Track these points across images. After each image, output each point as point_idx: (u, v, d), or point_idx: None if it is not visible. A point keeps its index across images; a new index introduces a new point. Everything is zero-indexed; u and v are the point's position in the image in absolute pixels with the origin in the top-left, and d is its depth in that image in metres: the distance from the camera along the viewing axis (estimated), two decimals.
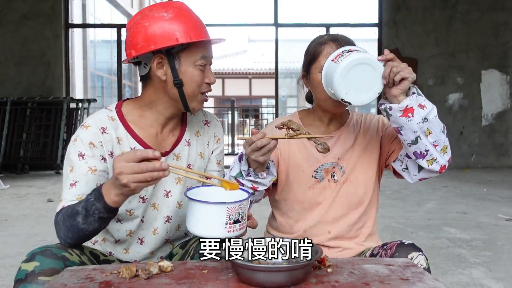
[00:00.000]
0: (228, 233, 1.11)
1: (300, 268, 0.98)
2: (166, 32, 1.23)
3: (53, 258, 1.13)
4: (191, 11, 1.31)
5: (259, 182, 1.34)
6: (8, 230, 3.68)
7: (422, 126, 1.25)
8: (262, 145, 1.23)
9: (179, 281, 0.99)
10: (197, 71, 1.28)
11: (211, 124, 1.48)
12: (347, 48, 1.31)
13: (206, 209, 1.12)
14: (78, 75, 11.99)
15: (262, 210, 1.74)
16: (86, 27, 12.83)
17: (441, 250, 3.09)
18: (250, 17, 45.62)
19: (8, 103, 7.35)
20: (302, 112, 1.58)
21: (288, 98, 18.59)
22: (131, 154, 1.05)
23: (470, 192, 5.51)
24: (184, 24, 1.25)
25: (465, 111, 7.92)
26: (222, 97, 22.50)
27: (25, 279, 1.09)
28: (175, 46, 1.26)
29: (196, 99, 1.31)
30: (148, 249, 1.38)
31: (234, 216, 1.12)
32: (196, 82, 1.28)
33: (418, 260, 1.23)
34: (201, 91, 1.31)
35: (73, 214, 1.16)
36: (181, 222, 1.41)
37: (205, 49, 1.29)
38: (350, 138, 1.50)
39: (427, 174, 1.35)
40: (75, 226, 1.16)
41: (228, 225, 1.11)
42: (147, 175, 1.04)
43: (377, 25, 8.13)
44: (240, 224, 1.13)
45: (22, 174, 7.17)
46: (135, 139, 1.32)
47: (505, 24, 7.89)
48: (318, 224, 1.46)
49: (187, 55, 1.27)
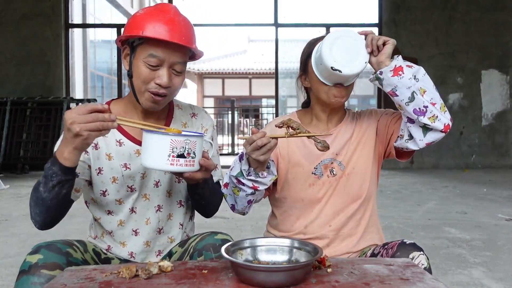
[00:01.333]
0: (171, 166, 1.17)
1: (300, 268, 0.98)
2: (133, 24, 1.29)
3: (57, 252, 1.16)
4: (174, 14, 1.31)
5: (259, 182, 1.35)
6: (8, 230, 3.69)
7: (414, 83, 1.31)
8: (262, 144, 1.24)
9: (179, 281, 0.99)
10: (144, 67, 1.29)
11: (198, 116, 1.51)
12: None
13: (151, 139, 1.17)
14: (78, 75, 12.00)
15: (262, 210, 1.74)
16: (86, 27, 12.83)
17: (441, 250, 3.09)
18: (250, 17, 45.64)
19: (8, 103, 7.36)
20: (300, 112, 1.60)
21: (288, 98, 18.61)
22: (81, 107, 1.10)
23: (470, 192, 5.51)
24: (150, 21, 1.28)
25: (465, 111, 7.92)
26: (222, 97, 22.52)
27: (28, 271, 1.12)
28: (135, 39, 1.30)
29: (143, 95, 1.32)
30: (143, 239, 1.42)
31: (178, 150, 1.16)
32: (141, 78, 1.30)
33: (419, 259, 1.23)
34: (148, 89, 1.30)
35: (37, 186, 1.21)
36: (171, 211, 1.45)
37: (160, 50, 1.27)
38: (347, 134, 1.52)
39: (433, 135, 1.34)
40: (39, 198, 1.20)
41: (171, 158, 1.15)
42: (98, 124, 1.10)
43: (377, 25, 8.13)
44: (185, 160, 1.17)
45: (22, 174, 7.18)
46: (121, 132, 1.38)
47: (505, 24, 7.89)
48: (318, 220, 1.48)
49: (141, 50, 1.30)
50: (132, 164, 1.37)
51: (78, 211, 1.28)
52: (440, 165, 7.86)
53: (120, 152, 1.37)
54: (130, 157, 1.37)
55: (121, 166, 1.36)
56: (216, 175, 1.48)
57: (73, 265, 1.16)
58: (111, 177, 1.36)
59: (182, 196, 1.45)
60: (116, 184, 1.36)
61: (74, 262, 1.18)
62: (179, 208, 1.45)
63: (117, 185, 1.37)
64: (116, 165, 1.36)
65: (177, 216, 1.46)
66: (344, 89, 1.42)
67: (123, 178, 1.36)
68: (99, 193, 1.37)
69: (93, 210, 1.43)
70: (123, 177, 1.36)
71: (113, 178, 1.36)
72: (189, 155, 1.17)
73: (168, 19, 1.29)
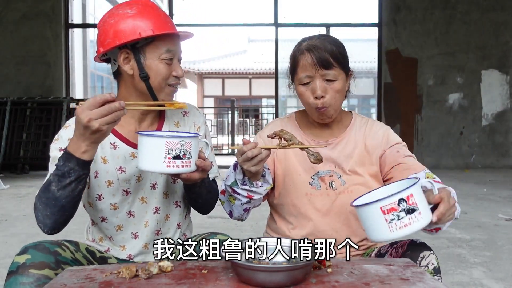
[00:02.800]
0: (168, 168, 1.16)
1: (300, 268, 0.98)
2: (129, 27, 1.29)
3: (45, 252, 1.15)
4: (156, 6, 1.35)
5: (254, 191, 1.32)
6: (8, 230, 3.69)
7: None
8: (253, 156, 1.21)
9: (179, 281, 0.99)
10: (163, 64, 1.32)
11: (190, 113, 1.50)
12: (404, 200, 1.02)
13: (147, 141, 1.17)
14: (78, 75, 12.00)
15: (262, 210, 1.74)
16: (86, 27, 12.83)
17: (441, 250, 3.09)
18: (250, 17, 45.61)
19: (8, 103, 7.35)
20: (299, 113, 1.55)
21: (288, 98, 18.58)
22: (91, 101, 1.10)
23: (470, 192, 5.51)
24: (147, 19, 1.29)
25: (465, 111, 7.92)
26: (222, 97, 22.52)
27: (16, 271, 1.12)
28: (139, 41, 1.30)
29: (163, 91, 1.35)
30: (142, 242, 1.41)
31: (174, 151, 1.16)
32: (162, 75, 1.32)
33: (429, 259, 1.21)
34: (168, 83, 1.35)
35: (46, 186, 1.19)
36: (168, 212, 1.45)
37: (170, 43, 1.32)
38: (349, 146, 1.45)
39: None
40: (51, 198, 1.18)
41: (167, 160, 1.15)
42: (114, 115, 1.11)
43: (377, 25, 8.13)
44: (181, 161, 1.17)
45: (22, 174, 7.17)
46: (115, 135, 1.37)
47: (505, 24, 7.89)
48: (316, 233, 1.42)
49: (152, 49, 1.31)
50: (127, 167, 1.36)
51: (78, 211, 1.28)
52: (440, 165, 7.86)
53: (115, 155, 1.36)
54: (125, 160, 1.36)
55: (116, 169, 1.35)
56: (212, 173, 1.48)
57: (62, 264, 1.16)
58: (106, 180, 1.35)
59: (178, 196, 1.45)
60: (111, 188, 1.36)
61: (63, 261, 1.17)
62: (175, 208, 1.45)
63: (112, 189, 1.36)
64: (111, 168, 1.35)
65: (174, 216, 1.45)
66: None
67: (118, 182, 1.36)
68: (94, 197, 1.37)
69: (91, 214, 1.43)
70: (118, 180, 1.35)
71: (108, 182, 1.35)
72: (185, 156, 1.17)
73: (161, 12, 1.34)
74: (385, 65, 7.92)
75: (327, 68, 1.35)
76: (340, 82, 1.37)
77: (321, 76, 1.35)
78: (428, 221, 1.04)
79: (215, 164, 1.51)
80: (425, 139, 7.92)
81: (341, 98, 1.41)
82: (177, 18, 10.04)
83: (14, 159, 7.32)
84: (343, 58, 1.39)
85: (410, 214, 1.02)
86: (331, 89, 1.36)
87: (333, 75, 1.36)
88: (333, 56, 1.35)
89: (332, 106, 1.38)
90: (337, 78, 1.36)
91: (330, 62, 1.35)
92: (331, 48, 1.36)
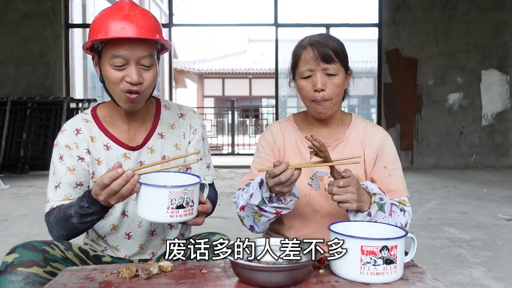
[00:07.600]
0: (171, 218, 1.13)
1: (300, 268, 0.98)
2: (92, 29, 1.28)
3: (33, 250, 1.17)
4: (130, 9, 1.27)
5: (283, 207, 1.30)
6: (8, 230, 3.69)
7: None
8: (286, 179, 1.17)
9: (179, 281, 0.99)
10: (111, 70, 1.26)
11: (187, 116, 1.49)
12: (388, 248, 1.00)
13: (149, 192, 1.14)
14: (78, 75, 12.00)
15: None
16: (86, 27, 12.79)
17: (441, 250, 3.09)
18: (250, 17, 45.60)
19: (8, 103, 7.35)
20: (297, 115, 1.55)
21: (288, 98, 18.58)
22: (102, 183, 1.12)
23: (470, 192, 5.51)
24: (107, 21, 1.25)
25: (465, 111, 7.92)
26: (222, 97, 22.51)
27: (5, 270, 1.13)
28: (98, 44, 1.28)
29: (119, 97, 1.30)
30: (136, 242, 1.42)
31: (177, 201, 1.12)
32: (111, 80, 1.28)
33: None
34: (121, 89, 1.28)
35: (67, 217, 1.25)
36: None
37: (123, 48, 1.24)
38: (347, 149, 1.46)
39: None
40: (70, 227, 1.26)
41: (170, 210, 1.12)
42: (125, 189, 1.12)
43: (377, 25, 8.12)
44: (184, 210, 1.13)
45: (22, 174, 7.16)
46: (107, 136, 1.39)
47: (505, 24, 7.89)
48: (315, 234, 1.42)
49: (105, 53, 1.28)
50: None
51: None
52: (440, 165, 7.86)
53: (108, 157, 1.37)
54: (118, 161, 1.36)
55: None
56: (210, 175, 1.48)
57: (51, 262, 1.17)
58: None
59: None
60: None
61: (52, 259, 1.18)
62: None
63: None
64: (105, 169, 1.35)
65: None
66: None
67: None
68: None
69: None
70: None
71: None
72: (188, 204, 1.14)
73: (124, 15, 1.25)
74: (385, 65, 7.92)
75: (328, 62, 1.36)
76: (340, 77, 1.39)
77: (322, 70, 1.37)
78: (397, 278, 1.01)
79: (211, 166, 1.51)
80: (425, 139, 7.91)
81: (340, 93, 1.41)
82: (177, 18, 10.03)
83: (14, 159, 7.31)
84: (344, 55, 1.41)
85: (387, 265, 0.98)
86: (331, 83, 1.37)
87: (334, 69, 1.37)
88: (334, 52, 1.37)
89: (332, 100, 1.39)
90: (337, 73, 1.38)
91: (332, 56, 1.36)
92: (333, 44, 1.39)
